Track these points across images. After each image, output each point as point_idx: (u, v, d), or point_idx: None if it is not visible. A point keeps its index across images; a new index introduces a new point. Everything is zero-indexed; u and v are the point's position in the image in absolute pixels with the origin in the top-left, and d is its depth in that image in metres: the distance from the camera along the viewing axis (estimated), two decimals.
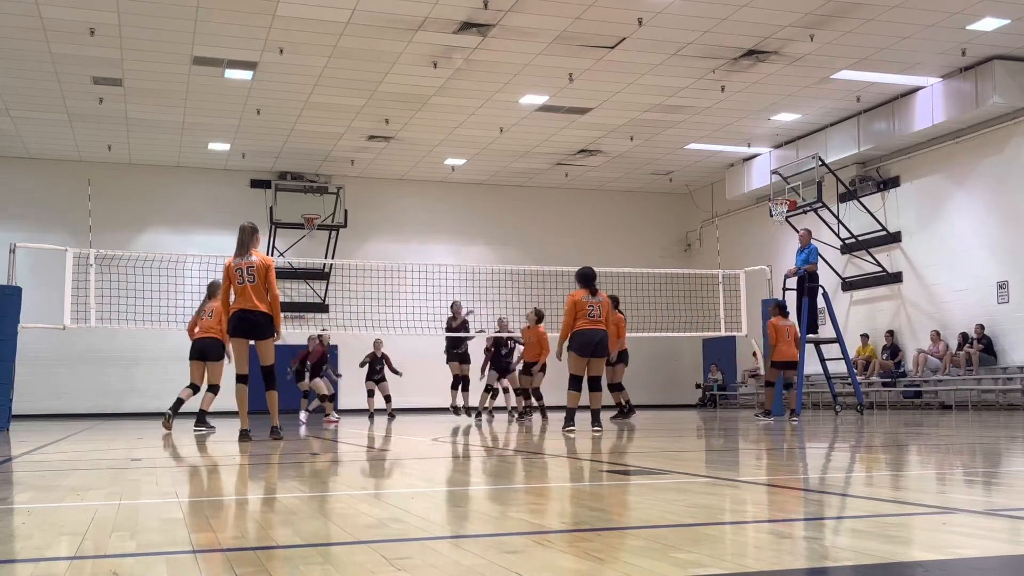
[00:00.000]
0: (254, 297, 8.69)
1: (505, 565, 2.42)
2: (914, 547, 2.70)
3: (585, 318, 9.96)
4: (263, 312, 8.72)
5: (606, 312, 10.08)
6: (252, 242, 8.91)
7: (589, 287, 10.11)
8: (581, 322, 9.97)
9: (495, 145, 22.13)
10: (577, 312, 9.99)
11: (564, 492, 4.38)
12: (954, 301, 18.78)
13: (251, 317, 8.71)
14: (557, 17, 14.80)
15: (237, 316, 8.76)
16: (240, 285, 8.73)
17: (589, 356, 9.99)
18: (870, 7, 14.56)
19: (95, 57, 16.25)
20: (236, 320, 8.76)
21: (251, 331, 8.75)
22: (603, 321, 10.01)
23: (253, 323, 8.71)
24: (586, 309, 9.96)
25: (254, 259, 8.78)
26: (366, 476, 5.59)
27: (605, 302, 10.12)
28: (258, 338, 8.75)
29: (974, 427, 10.67)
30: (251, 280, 8.71)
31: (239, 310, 8.75)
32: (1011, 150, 17.62)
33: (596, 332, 9.94)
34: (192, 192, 23.64)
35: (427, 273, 19.95)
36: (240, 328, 8.76)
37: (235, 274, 8.74)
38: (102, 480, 5.08)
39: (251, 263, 8.74)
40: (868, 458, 6.42)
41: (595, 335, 9.93)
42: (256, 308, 8.69)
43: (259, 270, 8.73)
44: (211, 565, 2.52)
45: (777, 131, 21.41)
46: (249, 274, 8.71)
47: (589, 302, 9.99)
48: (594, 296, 10.06)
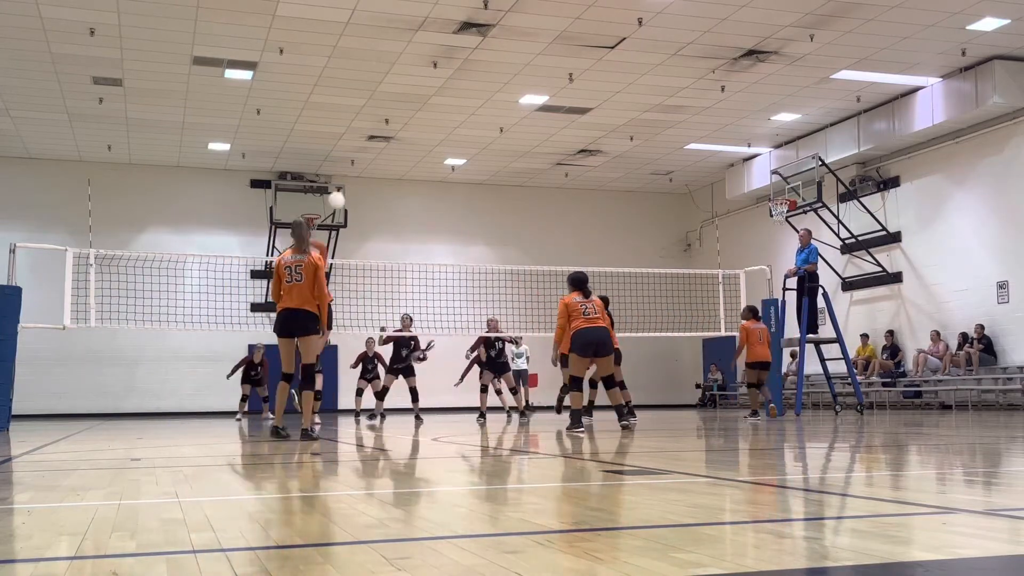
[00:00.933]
0: (300, 297, 8.73)
1: (505, 565, 2.42)
2: (914, 547, 2.70)
3: (580, 317, 9.90)
4: (306, 310, 8.74)
5: (601, 311, 10.05)
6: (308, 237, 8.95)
7: (582, 290, 10.09)
8: (578, 322, 9.91)
9: (495, 145, 22.13)
10: (571, 313, 9.95)
11: (564, 492, 4.38)
12: (954, 301, 18.78)
13: (295, 316, 8.73)
14: (557, 17, 14.81)
15: (282, 315, 8.80)
16: (288, 284, 8.76)
17: (592, 356, 9.91)
18: (870, 7, 14.56)
19: (95, 57, 16.25)
20: (281, 319, 8.81)
21: (295, 328, 8.77)
22: (600, 318, 9.97)
23: (297, 322, 8.74)
24: (579, 309, 9.92)
25: (305, 257, 8.79)
26: (366, 476, 5.59)
27: (598, 303, 10.09)
28: (301, 335, 8.78)
29: (974, 427, 10.67)
30: (299, 279, 8.73)
31: (284, 309, 8.79)
32: (1011, 150, 17.62)
33: (595, 330, 9.85)
34: (192, 192, 23.64)
35: (427, 273, 19.97)
36: (285, 327, 8.79)
37: (284, 272, 8.78)
38: (102, 480, 5.08)
39: (300, 261, 8.76)
40: (868, 458, 6.42)
41: (594, 333, 9.84)
42: (301, 307, 8.72)
43: (307, 269, 8.74)
44: (211, 565, 2.52)
45: (777, 131, 21.41)
46: (297, 273, 8.74)
47: (581, 303, 9.96)
48: (587, 298, 10.04)
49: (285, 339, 8.85)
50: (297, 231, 8.95)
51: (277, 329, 8.86)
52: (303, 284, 8.71)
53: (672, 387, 26.41)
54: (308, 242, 8.93)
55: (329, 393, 23.72)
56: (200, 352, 22.58)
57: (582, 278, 10.21)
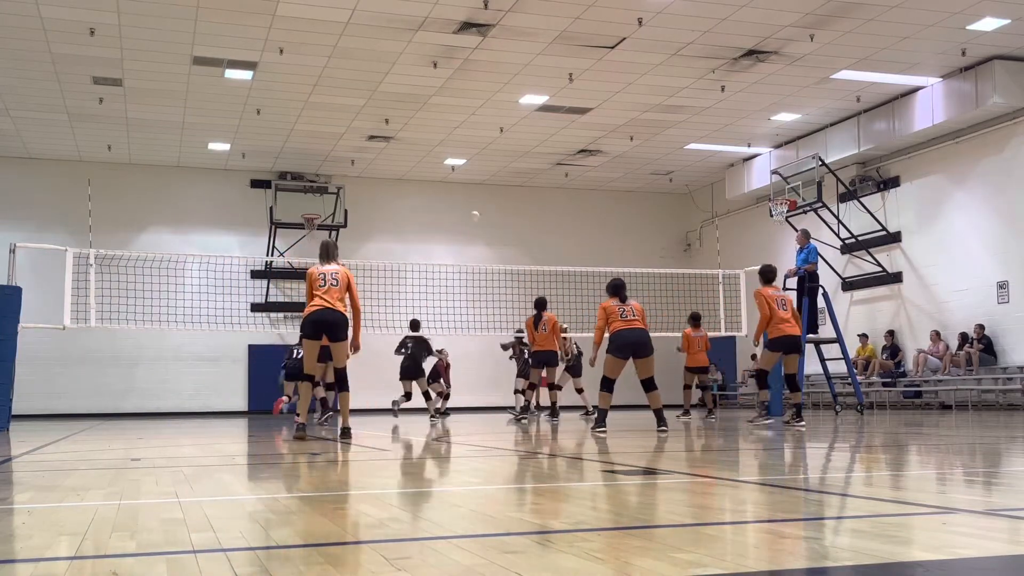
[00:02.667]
0: (334, 298, 8.84)
1: (505, 565, 2.42)
2: (914, 547, 2.70)
3: (619, 319, 10.09)
4: (341, 313, 8.84)
5: (640, 314, 10.20)
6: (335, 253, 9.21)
7: (619, 295, 10.26)
8: (616, 323, 10.09)
9: (495, 145, 22.13)
10: (609, 316, 10.16)
11: (564, 492, 4.38)
12: (954, 301, 18.77)
13: (328, 317, 8.79)
14: (557, 17, 14.81)
15: (315, 315, 8.82)
16: (323, 287, 8.87)
17: (631, 357, 10.01)
18: (870, 7, 14.56)
19: (95, 57, 16.24)
20: (311, 322, 8.83)
21: (328, 330, 8.82)
22: (638, 320, 10.10)
23: (330, 323, 8.79)
24: (617, 312, 10.11)
25: (336, 267, 9.01)
26: (367, 476, 5.59)
27: (636, 307, 10.25)
28: (333, 339, 8.85)
29: (974, 427, 10.68)
30: (334, 284, 8.89)
31: (315, 310, 8.82)
32: (1011, 150, 17.62)
33: (633, 331, 9.99)
34: (192, 192, 23.64)
35: (427, 273, 19.97)
36: (313, 329, 8.83)
37: (318, 278, 8.92)
38: (102, 480, 5.08)
39: (335, 270, 8.97)
40: (868, 458, 6.42)
41: (632, 334, 9.98)
42: (334, 307, 8.81)
43: (341, 276, 8.95)
44: (211, 565, 2.52)
45: (777, 131, 21.41)
46: (332, 278, 8.90)
47: (619, 306, 10.15)
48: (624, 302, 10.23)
49: (314, 341, 8.89)
50: (324, 249, 9.22)
51: (308, 331, 8.86)
52: (339, 288, 8.90)
53: (672, 387, 26.36)
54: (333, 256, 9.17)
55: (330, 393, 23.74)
56: (200, 352, 22.58)
57: (619, 284, 10.42)
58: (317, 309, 8.82)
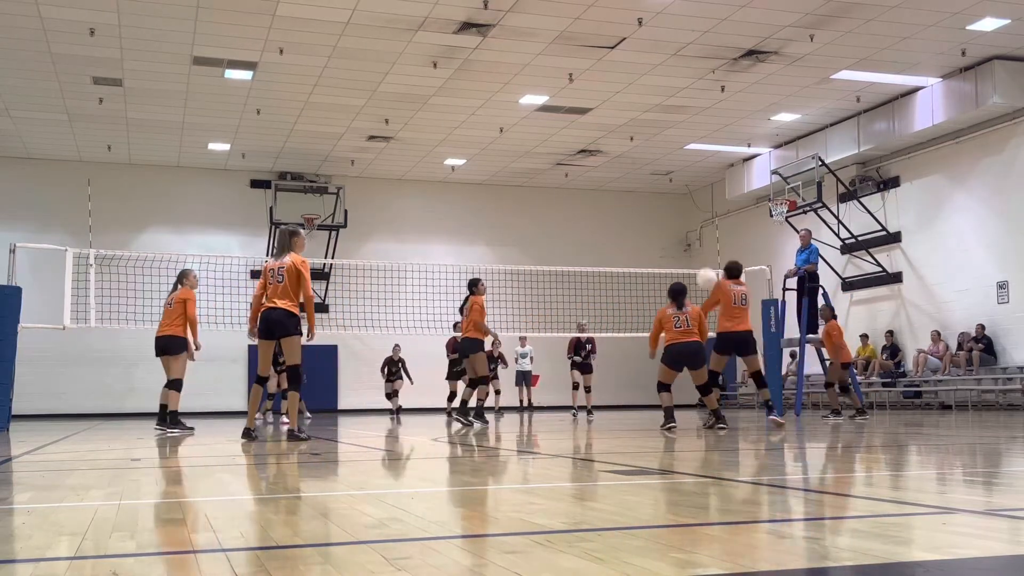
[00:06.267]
0: (277, 296, 8.75)
1: (505, 565, 2.42)
2: (914, 547, 2.70)
3: (672, 330, 10.29)
4: (284, 310, 8.73)
5: (696, 322, 10.32)
6: (290, 245, 8.99)
7: (677, 301, 10.39)
8: (669, 335, 10.32)
9: (495, 145, 22.12)
10: (663, 325, 10.38)
11: (564, 492, 4.38)
12: (954, 301, 18.77)
13: (271, 316, 8.74)
14: (557, 17, 14.80)
15: (261, 317, 8.82)
16: (271, 285, 8.82)
17: (684, 368, 10.40)
18: (870, 7, 14.56)
19: (95, 57, 16.24)
20: (261, 322, 8.82)
21: (274, 329, 8.76)
22: (693, 331, 10.29)
23: (274, 321, 8.73)
24: (672, 321, 10.28)
25: (287, 261, 8.86)
26: (366, 476, 5.59)
27: (693, 312, 10.36)
28: (281, 335, 8.78)
29: (974, 427, 10.67)
30: (279, 280, 8.78)
31: (265, 308, 8.81)
32: (1011, 150, 17.62)
33: (686, 344, 10.24)
34: (192, 192, 23.64)
35: (427, 273, 19.96)
36: (263, 329, 8.80)
37: (268, 275, 8.87)
38: (102, 480, 5.08)
39: (283, 264, 8.83)
40: (868, 458, 6.42)
41: (685, 347, 10.25)
42: (276, 306, 8.72)
43: (289, 271, 8.78)
44: (211, 565, 2.52)
45: (777, 131, 21.40)
46: (279, 274, 8.80)
47: (674, 314, 10.30)
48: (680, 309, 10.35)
49: (266, 341, 8.85)
50: (279, 239, 9.10)
51: (259, 331, 8.83)
52: (284, 284, 8.77)
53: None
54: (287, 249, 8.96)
55: (330, 393, 23.75)
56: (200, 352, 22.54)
57: (678, 289, 10.53)
58: (264, 309, 8.80)
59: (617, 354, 22.31)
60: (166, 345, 11.22)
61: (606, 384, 22.42)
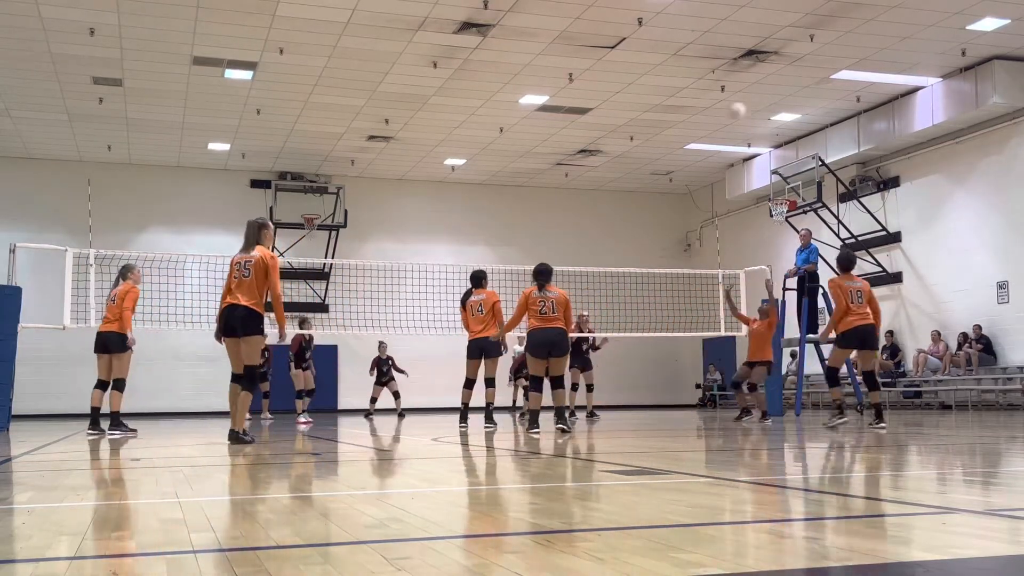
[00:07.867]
0: (241, 293, 8.25)
1: (505, 565, 2.42)
2: (914, 547, 2.70)
3: (536, 316, 9.64)
4: (245, 307, 8.21)
5: (562, 309, 9.67)
6: (257, 237, 8.48)
7: (538, 282, 9.75)
8: (533, 321, 9.66)
9: (495, 145, 22.12)
10: (529, 308, 9.72)
11: (564, 492, 4.38)
12: (954, 301, 18.77)
13: (232, 312, 8.26)
14: (557, 17, 14.80)
15: (223, 314, 8.37)
16: (236, 280, 8.34)
17: (547, 356, 9.65)
18: (870, 7, 14.55)
19: (95, 57, 16.24)
20: (222, 319, 8.39)
21: (234, 326, 8.26)
22: (559, 318, 9.63)
23: (235, 318, 8.24)
24: (537, 306, 9.63)
25: (255, 254, 8.35)
26: (366, 476, 5.59)
27: (559, 297, 9.71)
28: (242, 334, 8.26)
29: (974, 427, 10.67)
30: (245, 275, 8.29)
31: (225, 307, 8.36)
32: (1011, 150, 17.62)
33: (549, 331, 9.57)
34: (192, 192, 23.63)
35: (427, 273, 19.95)
36: (225, 326, 8.34)
37: (234, 269, 8.39)
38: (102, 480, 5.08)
39: (250, 258, 8.33)
40: (868, 458, 6.42)
41: (548, 334, 9.57)
42: (239, 303, 8.23)
43: (256, 266, 8.28)
44: (211, 565, 2.52)
45: (777, 131, 21.40)
46: (245, 269, 8.31)
47: (540, 298, 9.64)
48: (541, 291, 9.67)
49: (230, 339, 8.34)
50: (248, 231, 8.56)
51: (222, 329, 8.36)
52: (249, 280, 8.27)
53: (672, 387, 26.41)
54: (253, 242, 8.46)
55: (330, 393, 23.74)
56: (200, 352, 22.54)
57: (542, 270, 9.91)
58: (224, 307, 8.33)
59: (617, 354, 22.31)
60: (108, 342, 10.60)
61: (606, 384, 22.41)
